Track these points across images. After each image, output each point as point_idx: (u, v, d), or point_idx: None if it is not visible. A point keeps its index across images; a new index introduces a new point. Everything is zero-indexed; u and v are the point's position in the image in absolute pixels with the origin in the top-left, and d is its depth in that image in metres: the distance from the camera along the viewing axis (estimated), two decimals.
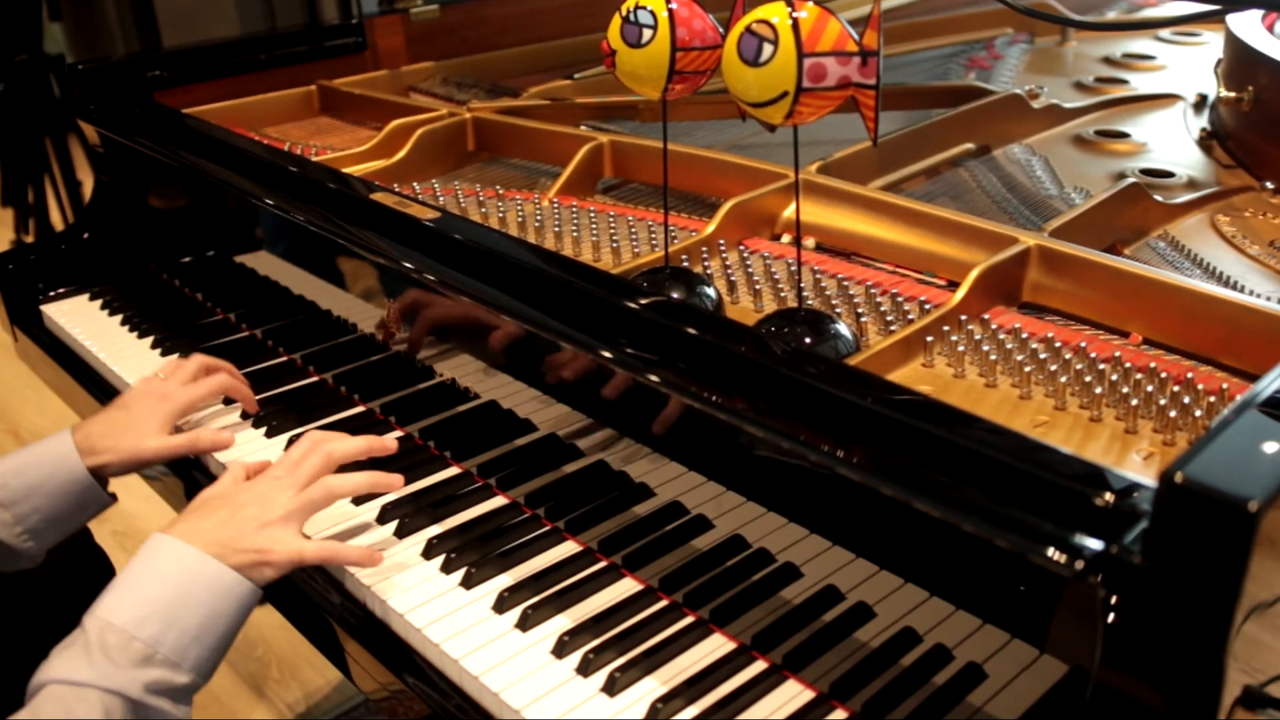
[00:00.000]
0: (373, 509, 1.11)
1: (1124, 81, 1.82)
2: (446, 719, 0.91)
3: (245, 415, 1.31)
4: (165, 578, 0.92)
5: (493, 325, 1.09)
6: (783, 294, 1.14)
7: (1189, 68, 1.89)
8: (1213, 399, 0.92)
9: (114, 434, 1.15)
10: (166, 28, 4.70)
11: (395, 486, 1.08)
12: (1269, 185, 1.40)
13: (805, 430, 0.82)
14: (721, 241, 1.24)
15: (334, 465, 1.05)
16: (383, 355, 1.28)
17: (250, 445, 1.25)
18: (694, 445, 0.95)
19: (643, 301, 0.97)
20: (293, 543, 0.98)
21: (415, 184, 1.51)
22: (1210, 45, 2.01)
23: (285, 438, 1.24)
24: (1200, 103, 1.69)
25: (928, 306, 1.09)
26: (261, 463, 1.08)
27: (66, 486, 1.12)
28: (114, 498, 1.17)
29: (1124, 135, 1.55)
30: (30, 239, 3.67)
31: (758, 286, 1.16)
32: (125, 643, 0.88)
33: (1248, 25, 1.54)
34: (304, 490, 1.01)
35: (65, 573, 1.27)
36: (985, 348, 1.00)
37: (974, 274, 1.06)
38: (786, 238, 1.28)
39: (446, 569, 1.02)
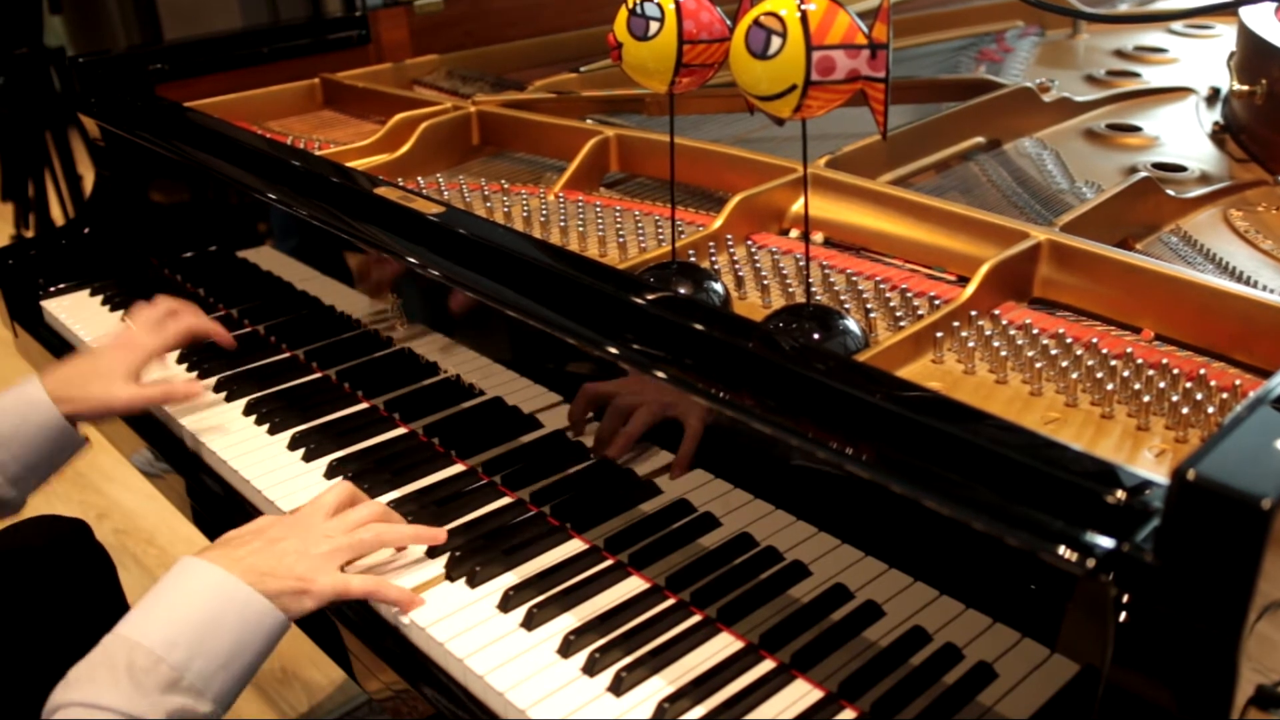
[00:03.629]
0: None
1: (1136, 75, 1.81)
2: (451, 719, 0.91)
3: (226, 391, 1.30)
4: (196, 601, 0.88)
5: (497, 321, 1.08)
6: (791, 289, 1.13)
7: (1201, 61, 1.88)
8: (1225, 395, 0.91)
9: (82, 382, 1.16)
10: (168, 21, 4.70)
11: (440, 540, 1.03)
12: None
13: (814, 427, 0.81)
14: (729, 236, 1.23)
15: (386, 518, 1.01)
16: (386, 351, 1.28)
17: (253, 441, 1.24)
18: (701, 442, 0.94)
19: (649, 297, 0.97)
20: (337, 574, 0.94)
21: (419, 178, 1.50)
22: (1223, 38, 2.00)
23: (289, 434, 1.23)
24: (1213, 96, 1.68)
25: (937, 302, 1.08)
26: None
27: (41, 432, 1.13)
28: (86, 441, 1.18)
29: (1136, 129, 1.54)
30: (30, 234, 3.67)
31: (765, 282, 1.15)
32: (152, 665, 0.84)
33: (1261, 18, 1.53)
34: (352, 532, 0.97)
35: (66, 572, 1.27)
36: (996, 344, 1.00)
37: (984, 269, 1.05)
38: (795, 232, 1.27)
39: (451, 568, 1.01)
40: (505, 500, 1.11)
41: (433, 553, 1.03)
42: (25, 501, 1.15)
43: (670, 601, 0.96)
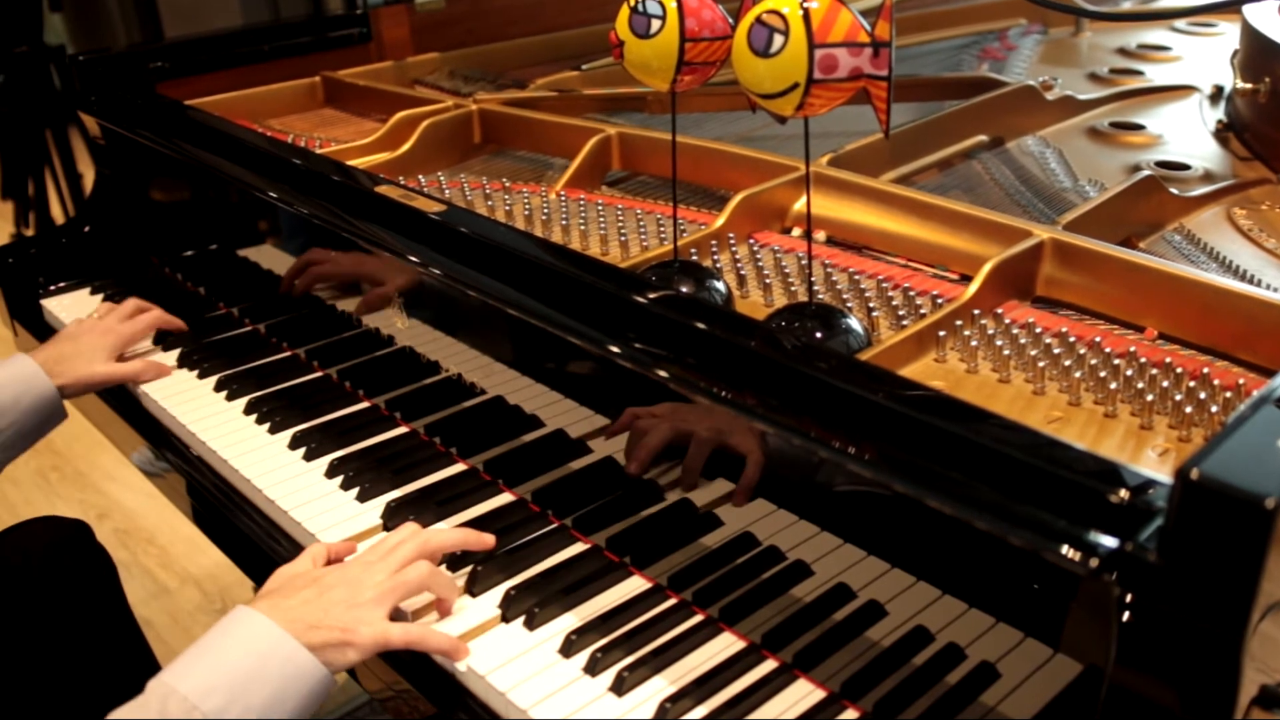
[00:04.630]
0: (378, 506, 1.10)
1: (1139, 73, 1.81)
2: (452, 718, 0.90)
3: (227, 390, 1.32)
4: (238, 650, 0.88)
5: (499, 320, 1.08)
6: (793, 288, 1.13)
7: (1205, 59, 1.88)
8: (1229, 394, 0.91)
9: (66, 360, 1.31)
10: (168, 18, 4.71)
11: (488, 545, 1.01)
12: None
13: (816, 426, 0.81)
14: (731, 235, 1.23)
15: (430, 554, 0.98)
16: (387, 350, 1.27)
17: (254, 440, 1.24)
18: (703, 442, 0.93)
19: (651, 296, 0.96)
20: (380, 625, 0.91)
21: (421, 177, 1.50)
22: (1226, 36, 2.00)
23: (289, 434, 1.23)
24: (1216, 94, 1.68)
25: (940, 301, 1.08)
26: (343, 545, 1.04)
27: (38, 403, 1.27)
28: (66, 414, 1.33)
29: (1139, 127, 1.54)
30: (30, 232, 3.67)
31: (768, 280, 1.15)
32: (187, 711, 0.84)
33: (1265, 16, 1.52)
34: (397, 574, 0.95)
35: (66, 572, 1.27)
36: (999, 342, 0.99)
37: (987, 268, 1.05)
38: (797, 231, 1.27)
39: (452, 568, 1.01)
40: (506, 499, 1.11)
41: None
42: (2, 470, 1.26)
43: (672, 601, 0.96)
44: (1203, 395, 0.90)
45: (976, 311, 1.03)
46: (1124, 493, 0.68)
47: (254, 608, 0.91)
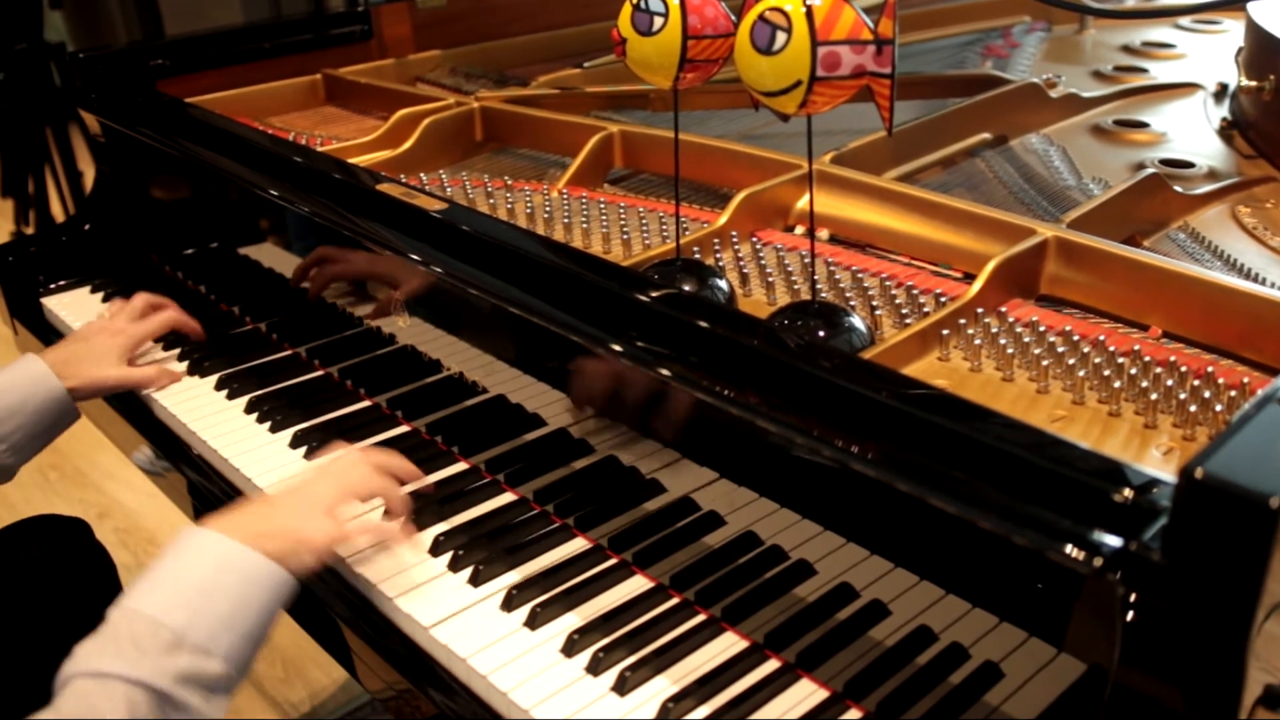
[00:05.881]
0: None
1: (1143, 70, 1.81)
2: (454, 718, 0.90)
3: (228, 389, 1.32)
4: (194, 566, 0.90)
5: (501, 318, 1.08)
6: (796, 286, 1.13)
7: (1209, 56, 1.87)
8: (1233, 393, 0.91)
9: (77, 362, 1.28)
10: (169, 16, 4.71)
11: (418, 476, 1.09)
12: None
13: (819, 425, 0.81)
14: (734, 233, 1.23)
15: (377, 465, 1.04)
16: (389, 349, 1.27)
17: (255, 439, 1.24)
18: (706, 440, 0.93)
19: (654, 294, 0.96)
20: (329, 523, 0.95)
21: (422, 175, 1.50)
22: (1231, 33, 1.99)
23: (289, 432, 1.23)
24: (1221, 92, 1.67)
25: (943, 299, 1.07)
26: None
27: (47, 405, 1.24)
28: (79, 414, 1.30)
29: (1143, 125, 1.54)
30: (31, 230, 3.67)
31: (771, 279, 1.14)
32: (153, 629, 0.84)
33: (1269, 13, 1.52)
34: (343, 481, 1.00)
35: (66, 571, 1.27)
36: (1002, 341, 0.99)
37: (990, 266, 1.04)
38: (800, 229, 1.27)
39: (454, 566, 1.01)
40: (508, 498, 1.10)
41: (435, 550, 1.03)
42: (17, 470, 1.24)
43: (674, 601, 0.95)
44: (1207, 394, 0.90)
45: (980, 310, 1.03)
46: (1128, 492, 0.68)
47: (200, 526, 0.93)
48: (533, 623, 0.94)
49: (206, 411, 1.30)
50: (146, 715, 0.82)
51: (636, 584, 0.98)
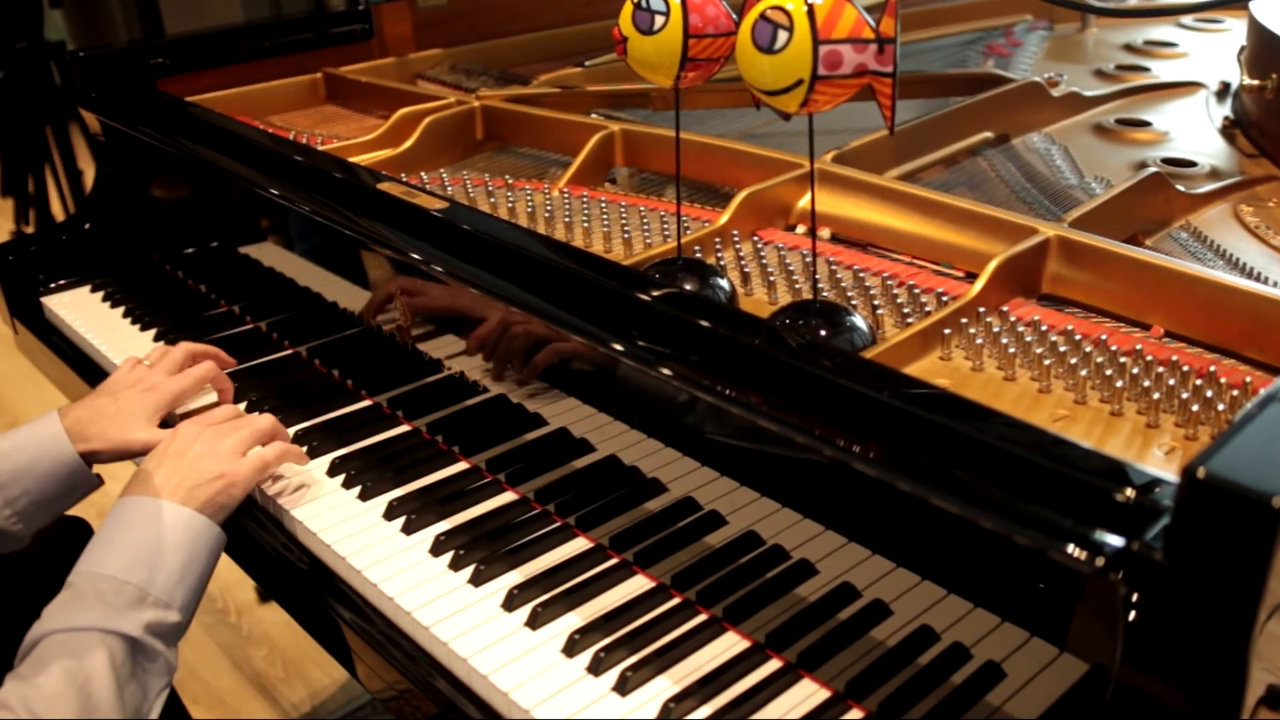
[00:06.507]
0: (379, 504, 1.10)
1: (1145, 69, 1.80)
2: (455, 718, 0.90)
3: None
4: (140, 529, 0.97)
5: (502, 317, 1.08)
6: (797, 286, 1.13)
7: (1211, 55, 1.87)
8: (1236, 393, 0.90)
9: (102, 421, 1.14)
10: (169, 14, 4.71)
11: (300, 458, 1.16)
12: None
13: (820, 425, 0.81)
14: (735, 232, 1.22)
15: (263, 437, 1.12)
16: (390, 348, 1.27)
17: None
18: (707, 440, 0.93)
19: (655, 293, 0.96)
20: (250, 458, 1.06)
21: (423, 173, 1.49)
22: (1233, 32, 1.99)
23: (290, 432, 1.23)
24: (1223, 90, 1.67)
25: (945, 298, 1.07)
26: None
27: (56, 469, 1.12)
28: (101, 480, 1.18)
29: (1145, 124, 1.54)
30: (31, 229, 3.67)
31: (772, 278, 1.14)
32: (118, 588, 0.93)
33: (1271, 11, 1.51)
34: (243, 429, 1.09)
35: (66, 570, 1.27)
36: (1004, 340, 0.99)
37: (992, 265, 1.04)
38: (801, 228, 1.27)
39: (455, 566, 1.01)
40: (509, 498, 1.10)
41: (436, 550, 1.02)
42: (30, 537, 1.15)
43: (676, 600, 0.95)
44: (1209, 393, 0.89)
45: (982, 309, 1.03)
46: (1130, 491, 0.68)
47: (132, 494, 1.02)
48: (533, 622, 0.93)
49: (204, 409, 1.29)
50: (123, 662, 0.90)
51: (638, 584, 0.98)
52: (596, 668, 0.89)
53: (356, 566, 1.02)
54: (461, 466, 1.16)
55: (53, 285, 1.67)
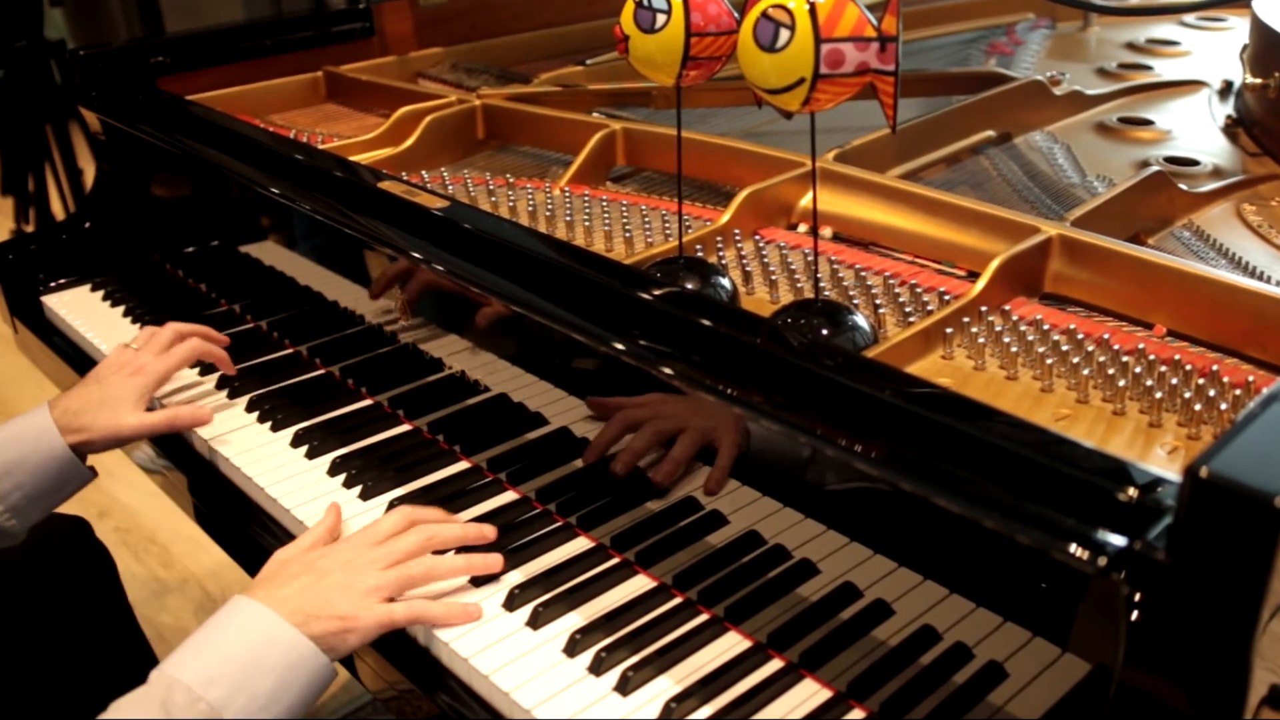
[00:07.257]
0: (380, 504, 1.10)
1: (1148, 68, 1.80)
2: (455, 718, 0.90)
3: (229, 388, 1.31)
4: (239, 640, 0.87)
5: (503, 316, 1.07)
6: (799, 285, 1.12)
7: (1214, 53, 1.87)
8: (1238, 392, 0.90)
9: (90, 410, 1.13)
10: (169, 13, 4.71)
11: (495, 569, 0.99)
12: None
13: (822, 424, 0.80)
14: (736, 231, 1.22)
15: (434, 548, 0.98)
16: (391, 347, 1.27)
17: (256, 438, 1.23)
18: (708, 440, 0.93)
19: (656, 292, 0.96)
20: (380, 608, 0.91)
21: (424, 172, 1.49)
22: (1236, 31, 1.99)
23: (290, 431, 1.23)
24: (1225, 89, 1.67)
25: (947, 298, 1.07)
26: (338, 524, 1.03)
27: (47, 464, 1.11)
28: (94, 473, 1.16)
29: (1148, 122, 1.53)
30: (31, 228, 3.67)
31: (774, 277, 1.14)
32: (190, 702, 0.83)
33: (1274, 10, 1.51)
34: (397, 565, 0.94)
35: (66, 570, 1.27)
36: (1006, 339, 0.99)
37: (994, 264, 1.04)
38: (803, 227, 1.26)
39: None
40: (510, 497, 1.10)
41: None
42: (25, 533, 1.13)
43: (677, 600, 0.95)
44: (1212, 393, 0.89)
45: (984, 308, 1.03)
46: (1132, 491, 0.68)
47: (251, 596, 0.90)
48: (535, 622, 0.93)
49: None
50: None
51: (639, 583, 0.98)
52: (598, 667, 0.88)
53: None
54: (462, 466, 1.15)
55: (53, 284, 1.66)
